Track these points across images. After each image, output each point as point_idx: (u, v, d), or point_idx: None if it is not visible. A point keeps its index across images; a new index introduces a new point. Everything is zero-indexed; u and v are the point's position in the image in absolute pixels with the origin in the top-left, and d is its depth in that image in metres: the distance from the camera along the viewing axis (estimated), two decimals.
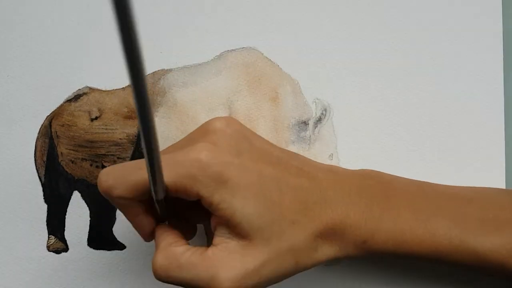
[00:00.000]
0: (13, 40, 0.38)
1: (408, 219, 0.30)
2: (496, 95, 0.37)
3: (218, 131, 0.29)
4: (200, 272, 0.27)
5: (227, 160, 0.28)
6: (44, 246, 0.37)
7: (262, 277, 0.28)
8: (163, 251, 0.28)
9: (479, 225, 0.31)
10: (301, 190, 0.29)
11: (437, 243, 0.30)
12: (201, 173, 0.27)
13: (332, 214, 0.29)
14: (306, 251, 0.29)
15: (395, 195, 0.31)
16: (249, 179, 0.28)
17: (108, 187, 0.28)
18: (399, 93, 0.38)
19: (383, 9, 0.38)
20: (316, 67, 0.38)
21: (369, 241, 0.30)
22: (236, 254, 0.27)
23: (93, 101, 0.37)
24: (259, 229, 0.27)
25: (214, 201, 0.27)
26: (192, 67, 0.38)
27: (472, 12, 0.38)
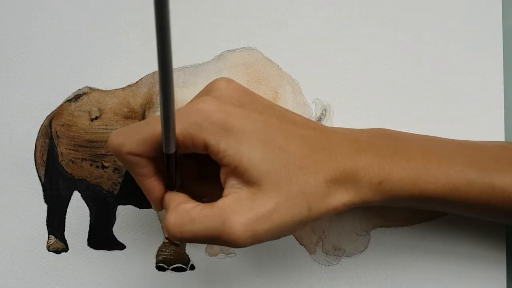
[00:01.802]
0: (13, 40, 0.38)
1: (421, 158, 0.30)
2: (496, 95, 0.37)
3: (221, 87, 0.29)
4: (212, 221, 0.27)
5: (231, 109, 0.28)
6: (44, 246, 0.37)
7: (274, 221, 0.27)
8: (174, 209, 0.28)
9: (494, 163, 0.30)
10: (308, 138, 0.29)
11: (453, 180, 0.30)
12: (205, 120, 0.27)
13: (342, 159, 0.29)
14: (318, 196, 0.28)
15: (405, 141, 0.31)
16: (254, 127, 0.28)
17: (118, 144, 0.28)
18: (399, 93, 0.38)
19: (383, 9, 0.38)
20: (316, 67, 0.38)
21: (384, 182, 0.29)
22: (246, 200, 0.27)
23: (93, 101, 0.37)
24: (267, 173, 0.27)
25: (220, 148, 0.27)
26: (192, 67, 0.38)
27: (472, 12, 0.38)
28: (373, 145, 0.30)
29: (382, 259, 0.37)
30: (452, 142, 0.32)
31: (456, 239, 0.37)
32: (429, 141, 0.32)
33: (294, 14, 0.38)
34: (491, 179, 0.30)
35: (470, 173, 0.30)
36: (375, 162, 0.29)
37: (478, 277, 0.37)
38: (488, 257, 0.37)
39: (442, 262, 0.37)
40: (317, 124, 0.31)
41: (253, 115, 0.28)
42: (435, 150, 0.31)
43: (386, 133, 0.32)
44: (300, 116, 0.31)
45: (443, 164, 0.30)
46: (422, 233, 0.37)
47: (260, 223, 0.27)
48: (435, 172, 0.30)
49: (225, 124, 0.27)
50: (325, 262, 0.37)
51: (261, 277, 0.37)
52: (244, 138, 0.27)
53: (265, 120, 0.28)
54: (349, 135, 0.31)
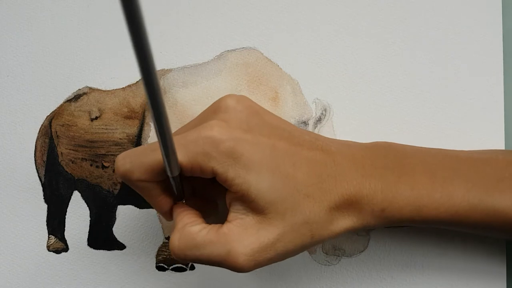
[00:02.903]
0: (13, 40, 0.38)
1: (424, 184, 0.30)
2: (496, 95, 0.37)
3: (229, 108, 0.29)
4: (216, 248, 0.28)
5: (239, 136, 0.28)
6: (44, 246, 0.37)
7: (277, 250, 0.28)
8: (180, 231, 0.29)
9: (496, 184, 0.30)
10: (315, 163, 0.29)
11: (455, 205, 0.30)
12: (214, 150, 0.27)
13: (347, 186, 0.29)
14: (321, 224, 0.29)
15: (409, 162, 0.31)
16: (262, 154, 0.28)
17: (126, 171, 0.28)
18: (399, 93, 0.38)
19: (383, 9, 0.38)
20: (316, 67, 0.38)
21: (387, 209, 0.30)
22: (251, 229, 0.28)
23: (93, 101, 0.37)
24: (273, 203, 0.28)
25: (228, 177, 0.27)
26: (192, 67, 0.38)
27: (472, 12, 0.38)
28: (378, 169, 0.30)
29: (382, 259, 0.37)
30: (456, 158, 0.32)
31: (456, 239, 0.37)
32: (433, 159, 0.32)
33: (294, 14, 0.38)
34: (493, 202, 0.30)
35: (472, 198, 0.30)
36: (379, 189, 0.30)
37: (478, 277, 0.37)
38: (488, 257, 0.37)
39: (442, 262, 0.37)
40: (324, 144, 0.30)
41: (261, 141, 0.28)
42: (439, 171, 0.31)
43: (391, 150, 0.32)
44: (308, 134, 0.31)
45: (446, 189, 0.30)
46: (422, 234, 0.37)
47: (264, 253, 0.28)
48: (438, 199, 0.30)
49: (233, 153, 0.27)
50: (325, 262, 0.37)
51: (261, 277, 0.37)
52: (252, 167, 0.27)
53: (273, 144, 0.29)
54: (355, 156, 0.31)
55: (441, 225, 0.31)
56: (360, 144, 0.32)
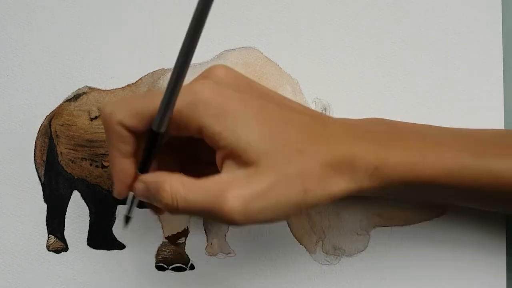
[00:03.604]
0: (13, 40, 0.38)
1: (416, 144, 0.30)
2: (496, 95, 0.37)
3: (219, 74, 0.29)
4: (207, 193, 0.27)
5: (229, 93, 0.28)
6: (44, 246, 0.37)
7: (268, 200, 0.27)
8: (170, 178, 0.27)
9: (490, 147, 0.30)
10: (306, 124, 0.29)
11: (448, 164, 0.30)
12: (202, 102, 0.27)
13: (340, 145, 0.29)
14: (315, 179, 0.28)
15: (401, 129, 0.31)
16: (252, 110, 0.28)
17: (111, 111, 0.28)
18: (399, 93, 0.38)
19: (383, 9, 0.38)
20: (316, 66, 0.38)
21: (380, 168, 0.29)
22: (242, 177, 0.27)
23: (93, 100, 0.37)
24: (265, 153, 0.27)
25: (216, 130, 0.27)
26: (192, 66, 0.37)
27: (472, 12, 0.38)
28: (370, 132, 0.30)
29: (382, 258, 0.37)
30: (449, 129, 0.32)
31: (456, 239, 0.37)
32: (425, 129, 0.32)
33: (294, 14, 0.38)
34: (487, 163, 0.30)
35: (465, 158, 0.30)
36: (371, 148, 0.29)
37: (478, 276, 0.37)
38: (488, 257, 0.37)
39: (442, 261, 0.37)
40: (315, 112, 0.31)
41: (251, 100, 0.28)
42: (431, 136, 0.31)
43: (383, 121, 0.32)
44: (299, 104, 0.31)
45: (439, 150, 0.30)
46: (422, 233, 0.37)
47: (255, 201, 0.27)
48: (430, 157, 0.30)
49: (222, 107, 0.27)
50: (325, 262, 0.37)
51: (261, 277, 0.37)
52: (241, 120, 0.27)
53: (264, 104, 0.28)
54: (347, 122, 0.31)
55: (434, 187, 0.30)
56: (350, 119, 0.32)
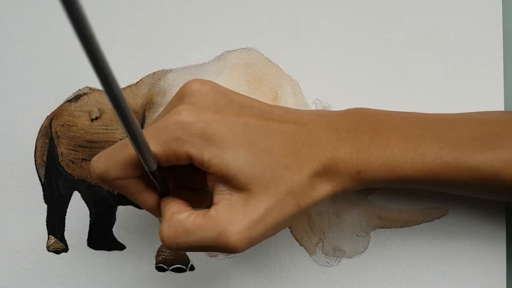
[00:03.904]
0: (13, 40, 0.38)
1: (397, 144, 0.30)
2: (496, 95, 0.37)
3: (194, 91, 0.29)
4: (207, 232, 0.27)
5: (209, 117, 0.28)
6: (44, 246, 0.37)
7: (267, 224, 0.28)
8: (167, 220, 0.28)
9: (470, 141, 0.30)
10: (288, 134, 0.29)
11: (429, 163, 0.30)
12: (185, 133, 0.27)
13: (323, 152, 0.30)
14: (304, 191, 0.29)
15: (382, 125, 0.31)
16: (234, 131, 0.28)
17: (102, 172, 0.28)
18: (399, 93, 0.38)
19: (383, 9, 0.38)
20: (316, 67, 0.38)
21: (362, 171, 0.30)
22: (238, 207, 0.28)
23: (93, 101, 0.37)
24: (254, 177, 0.28)
25: (205, 158, 0.27)
26: (192, 67, 0.38)
27: (472, 12, 0.38)
28: (351, 132, 0.30)
29: (382, 260, 0.37)
30: (431, 120, 0.32)
31: (455, 240, 0.37)
32: (406, 121, 0.32)
33: (294, 14, 0.38)
34: (466, 159, 0.30)
35: (445, 155, 0.30)
36: (354, 152, 0.30)
37: (478, 277, 0.37)
38: (488, 258, 0.37)
39: (442, 263, 0.37)
40: (295, 116, 0.31)
41: (232, 119, 0.28)
42: (412, 132, 0.31)
43: (364, 115, 0.32)
44: (278, 108, 0.31)
45: (419, 148, 0.30)
46: (422, 234, 0.37)
47: (254, 229, 0.28)
48: (411, 158, 0.30)
49: (205, 134, 0.27)
50: (325, 263, 0.37)
51: (261, 278, 0.37)
52: (226, 145, 0.27)
53: (245, 121, 0.29)
54: (328, 122, 0.31)
55: (416, 184, 0.31)
56: (331, 111, 0.32)
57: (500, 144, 0.30)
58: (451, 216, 0.37)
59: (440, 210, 0.37)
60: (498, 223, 0.37)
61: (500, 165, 0.30)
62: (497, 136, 0.31)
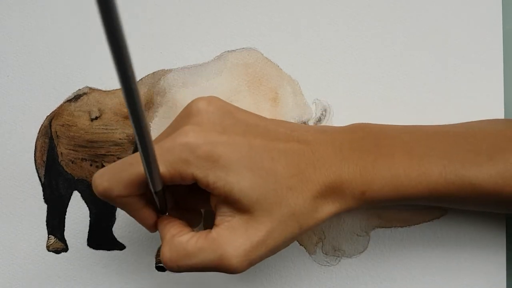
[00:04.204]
0: (13, 40, 0.38)
1: (401, 164, 0.30)
2: (496, 95, 0.37)
3: (200, 111, 0.29)
4: (208, 254, 0.28)
5: (215, 138, 0.28)
6: (44, 246, 0.37)
7: (268, 246, 0.28)
8: (169, 243, 0.28)
9: (473, 157, 0.31)
10: (292, 154, 0.29)
11: (433, 182, 0.30)
12: (191, 155, 0.27)
13: (327, 173, 0.30)
14: (307, 213, 0.29)
15: (386, 143, 0.31)
16: (240, 153, 0.28)
17: (104, 189, 0.28)
18: (399, 93, 0.38)
19: (383, 9, 0.38)
20: (316, 67, 0.38)
21: (367, 192, 0.30)
22: (239, 229, 0.28)
23: (93, 101, 0.37)
24: (257, 201, 0.28)
25: (210, 181, 0.27)
26: (192, 67, 0.38)
27: (472, 12, 0.38)
28: (356, 152, 0.30)
29: (382, 259, 0.37)
30: (434, 134, 0.32)
31: (456, 240, 0.37)
32: (410, 136, 0.32)
33: (294, 14, 0.38)
34: (470, 176, 0.30)
35: (449, 174, 0.30)
36: (358, 172, 0.30)
37: (478, 277, 0.37)
38: (488, 258, 0.37)
39: (442, 262, 0.37)
40: (300, 135, 0.31)
41: (237, 140, 0.28)
42: (416, 148, 0.31)
43: (368, 132, 0.32)
44: (283, 126, 0.31)
45: (423, 167, 0.30)
46: (422, 234, 0.37)
47: (256, 251, 0.28)
48: (415, 177, 0.30)
49: (211, 156, 0.27)
50: (325, 263, 0.37)
51: (261, 278, 0.37)
52: (231, 168, 0.27)
53: (249, 142, 0.29)
54: (332, 141, 0.31)
55: (420, 202, 0.31)
56: (336, 128, 0.32)
57: (503, 160, 0.30)
58: (451, 216, 0.37)
59: (440, 210, 0.37)
60: (498, 223, 0.37)
61: (502, 181, 0.30)
62: (501, 151, 0.31)
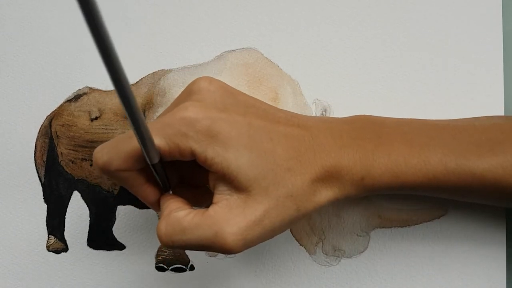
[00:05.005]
0: (13, 40, 0.38)
1: (401, 151, 0.30)
2: (496, 95, 0.37)
3: (202, 89, 0.29)
4: (204, 231, 0.27)
5: (215, 114, 0.28)
6: (44, 246, 0.37)
7: (265, 226, 0.28)
8: (166, 218, 0.28)
9: (474, 148, 0.31)
10: (292, 138, 0.29)
11: (432, 169, 0.30)
12: (191, 129, 0.27)
13: (326, 158, 0.30)
14: (305, 196, 0.29)
15: (386, 132, 0.31)
16: (239, 131, 0.28)
17: (104, 163, 0.28)
18: (399, 93, 0.38)
19: (383, 9, 0.38)
20: (316, 67, 0.38)
21: (366, 178, 0.30)
22: (237, 208, 0.28)
23: (93, 101, 0.37)
24: (255, 179, 0.28)
25: (208, 156, 0.27)
26: (192, 67, 0.38)
27: (472, 12, 0.38)
28: (356, 140, 0.31)
29: (382, 259, 0.37)
30: (435, 126, 0.32)
31: (456, 240, 0.37)
32: (411, 127, 0.32)
33: (294, 14, 0.38)
34: (470, 166, 0.30)
35: (449, 162, 0.30)
36: (357, 159, 0.30)
37: (478, 277, 0.37)
38: (488, 258, 0.37)
39: (442, 263, 0.37)
40: (301, 120, 0.31)
41: (237, 119, 0.28)
42: (416, 138, 0.31)
43: (369, 122, 0.32)
44: (283, 112, 0.31)
45: (423, 154, 0.30)
46: (422, 234, 0.37)
47: (252, 231, 0.28)
48: (415, 164, 0.30)
49: (210, 131, 0.27)
50: (325, 263, 0.37)
51: (261, 278, 0.37)
52: (230, 144, 0.27)
53: (250, 122, 0.29)
54: (332, 129, 0.31)
55: (420, 191, 0.31)
56: (337, 118, 0.32)
57: (503, 151, 0.30)
58: (451, 216, 0.37)
59: (440, 210, 0.37)
60: (498, 223, 0.37)
61: (502, 171, 0.30)
62: (501, 143, 0.31)
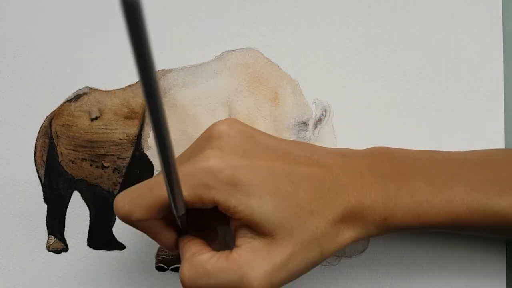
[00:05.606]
0: (13, 40, 0.38)
1: (423, 191, 0.30)
2: (496, 95, 0.37)
3: (222, 135, 0.29)
4: (229, 275, 0.27)
5: (236, 162, 0.28)
6: (44, 246, 0.37)
7: (290, 270, 0.28)
8: (188, 261, 0.28)
9: (494, 185, 0.31)
10: (313, 178, 0.29)
11: (455, 210, 0.30)
12: (213, 180, 0.27)
13: (348, 198, 0.29)
14: (329, 238, 0.29)
15: (408, 170, 0.31)
16: (261, 177, 0.28)
17: (125, 213, 0.28)
18: (399, 93, 0.38)
19: (383, 9, 0.38)
20: (316, 67, 0.38)
21: (388, 219, 0.30)
22: (261, 252, 0.28)
23: (93, 101, 0.37)
24: (280, 224, 0.28)
25: (231, 205, 0.27)
26: (192, 67, 0.38)
27: (472, 12, 0.38)
28: (377, 178, 0.30)
29: (382, 259, 0.37)
30: (454, 161, 0.32)
31: (456, 240, 0.37)
32: (431, 163, 0.32)
33: (294, 14, 0.38)
34: (492, 204, 0.30)
35: (471, 201, 0.30)
36: (380, 199, 0.30)
37: (478, 278, 0.37)
38: (488, 258, 0.37)
39: (442, 263, 0.37)
40: (320, 157, 0.30)
41: (258, 164, 0.28)
42: (437, 176, 0.31)
43: (388, 157, 0.32)
44: (303, 149, 0.31)
45: (445, 194, 0.30)
46: (422, 234, 0.37)
47: (278, 274, 0.28)
48: (437, 205, 0.30)
49: (232, 180, 0.27)
50: (325, 263, 0.37)
51: None
52: (253, 192, 0.27)
53: (270, 166, 0.28)
54: (353, 166, 0.31)
55: (442, 229, 0.31)
56: (356, 151, 0.32)
57: None
58: None
59: None
60: None
61: None
62: None
